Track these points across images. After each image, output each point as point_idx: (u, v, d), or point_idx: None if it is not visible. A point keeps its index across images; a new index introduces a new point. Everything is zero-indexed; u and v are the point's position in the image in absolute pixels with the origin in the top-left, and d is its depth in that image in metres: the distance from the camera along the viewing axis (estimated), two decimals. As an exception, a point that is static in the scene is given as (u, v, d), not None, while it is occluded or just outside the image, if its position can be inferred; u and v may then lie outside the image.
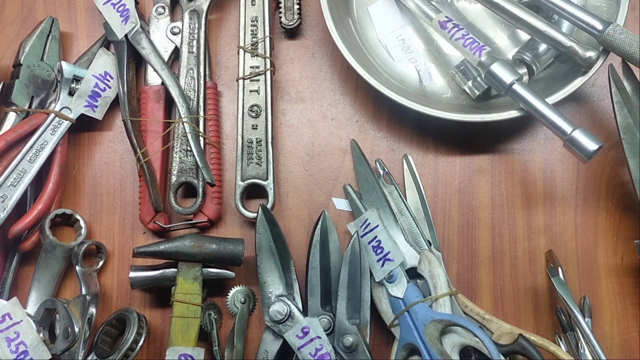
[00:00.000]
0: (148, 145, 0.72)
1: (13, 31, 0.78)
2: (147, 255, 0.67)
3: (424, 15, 0.71)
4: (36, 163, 0.69)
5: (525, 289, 0.71)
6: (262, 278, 0.67)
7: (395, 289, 0.65)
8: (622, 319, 0.70)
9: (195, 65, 0.74)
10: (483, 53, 0.67)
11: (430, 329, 0.63)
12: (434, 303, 0.64)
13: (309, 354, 0.63)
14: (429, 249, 0.68)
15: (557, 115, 0.64)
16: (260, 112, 0.72)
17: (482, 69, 0.67)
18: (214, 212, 0.71)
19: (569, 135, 0.62)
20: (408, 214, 0.69)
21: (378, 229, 0.66)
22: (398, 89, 0.70)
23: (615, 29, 0.63)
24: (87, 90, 0.72)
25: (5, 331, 0.62)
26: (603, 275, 0.71)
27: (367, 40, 0.75)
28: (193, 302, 0.66)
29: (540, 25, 0.67)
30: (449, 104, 0.72)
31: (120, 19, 0.73)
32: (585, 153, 0.62)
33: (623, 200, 0.72)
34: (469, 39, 0.68)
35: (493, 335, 0.64)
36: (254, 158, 0.71)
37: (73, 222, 0.72)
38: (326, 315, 0.66)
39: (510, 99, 0.70)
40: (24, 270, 0.72)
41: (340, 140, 0.74)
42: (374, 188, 0.70)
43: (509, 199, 0.73)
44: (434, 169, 0.74)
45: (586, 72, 0.66)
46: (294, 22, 0.75)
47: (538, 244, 0.72)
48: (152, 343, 0.71)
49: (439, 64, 0.74)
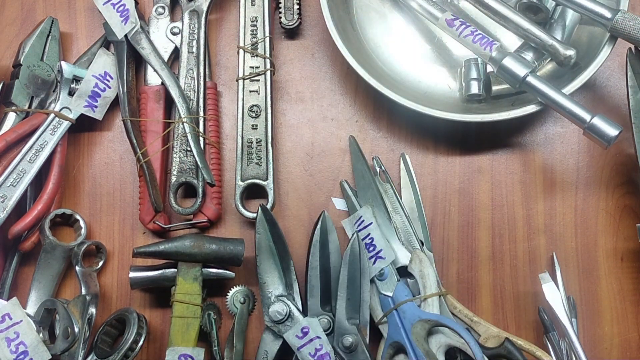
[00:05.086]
0: (148, 145, 0.72)
1: (13, 31, 0.78)
2: (147, 255, 0.67)
3: (429, 15, 0.71)
4: (36, 163, 0.69)
5: (525, 289, 0.71)
6: (262, 278, 0.67)
7: (385, 286, 0.66)
8: (622, 319, 0.70)
9: (195, 66, 0.74)
10: (494, 48, 0.67)
11: (417, 329, 0.63)
12: (422, 303, 0.65)
13: (309, 354, 0.63)
14: (421, 248, 0.68)
15: (575, 104, 0.64)
16: (260, 112, 0.72)
17: (494, 64, 0.67)
18: (214, 213, 0.71)
19: (589, 123, 0.63)
20: (402, 213, 0.69)
21: (371, 226, 0.67)
22: (398, 89, 0.69)
23: (624, 16, 0.64)
24: (87, 90, 0.72)
25: (5, 331, 0.62)
26: (603, 275, 0.71)
27: (367, 40, 0.75)
28: (193, 302, 0.66)
29: (524, 24, 0.68)
30: (448, 104, 0.72)
31: (120, 19, 0.73)
32: (607, 139, 0.62)
33: (623, 200, 0.72)
34: (477, 34, 0.68)
35: (480, 337, 0.65)
36: (253, 158, 0.71)
37: (73, 222, 0.72)
38: (326, 316, 0.66)
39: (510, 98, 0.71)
40: (24, 270, 0.72)
41: (340, 140, 0.74)
42: (370, 185, 0.70)
43: (509, 199, 0.73)
44: (434, 169, 0.74)
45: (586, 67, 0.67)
46: (294, 22, 0.75)
47: (538, 244, 0.72)
48: (152, 343, 0.71)
49: (439, 63, 0.74)
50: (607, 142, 0.63)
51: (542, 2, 0.70)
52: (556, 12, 0.71)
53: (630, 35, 0.64)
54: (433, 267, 0.67)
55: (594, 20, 0.66)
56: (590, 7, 0.66)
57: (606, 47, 0.66)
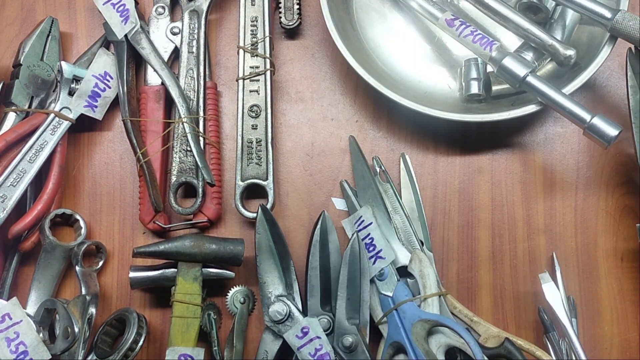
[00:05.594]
0: (148, 145, 0.72)
1: (13, 31, 0.78)
2: (147, 255, 0.67)
3: (429, 15, 0.71)
4: (36, 163, 0.69)
5: (525, 289, 0.71)
6: (262, 278, 0.67)
7: (385, 286, 0.66)
8: (622, 319, 0.70)
9: (195, 65, 0.74)
10: (494, 48, 0.67)
11: (417, 329, 0.63)
12: (422, 303, 0.65)
13: (309, 354, 0.63)
14: (421, 248, 0.68)
15: (574, 104, 0.64)
16: (260, 112, 0.72)
17: (494, 64, 0.67)
18: (214, 212, 0.71)
19: (589, 123, 0.63)
20: (402, 213, 0.70)
21: (371, 226, 0.67)
22: (398, 89, 0.69)
23: (624, 16, 0.64)
24: (87, 90, 0.72)
25: (5, 331, 0.62)
26: (603, 275, 0.71)
27: (367, 40, 0.75)
28: (193, 302, 0.66)
29: (524, 24, 0.68)
30: (448, 104, 0.72)
31: (120, 19, 0.73)
32: (607, 139, 0.62)
33: (623, 200, 0.72)
34: (477, 34, 0.68)
35: (480, 337, 0.65)
36: (253, 158, 0.71)
37: (73, 222, 0.72)
38: (326, 316, 0.66)
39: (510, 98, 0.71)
40: (24, 270, 0.72)
41: (340, 140, 0.74)
42: (370, 185, 0.70)
43: (509, 199, 0.73)
44: (434, 169, 0.74)
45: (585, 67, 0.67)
46: (294, 22, 0.75)
47: (538, 244, 0.72)
48: (152, 343, 0.71)
49: (439, 63, 0.74)
50: (607, 142, 0.63)
51: (542, 2, 0.70)
52: (556, 12, 0.71)
53: (630, 35, 0.64)
54: (433, 267, 0.67)
55: (594, 20, 0.66)
56: (590, 7, 0.66)
57: (606, 47, 0.66)
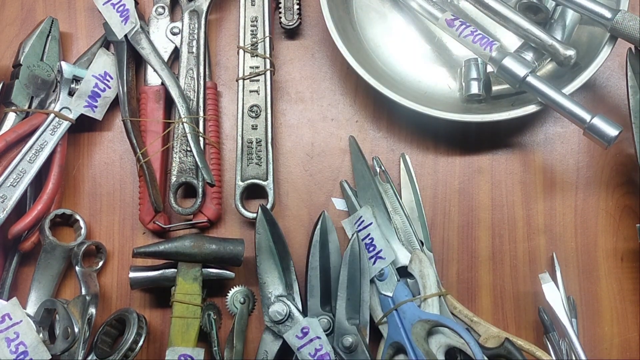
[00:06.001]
0: (148, 145, 0.72)
1: (13, 31, 0.78)
2: (146, 255, 0.67)
3: (429, 15, 0.71)
4: (36, 163, 0.69)
5: (525, 289, 0.71)
6: (262, 278, 0.67)
7: (385, 287, 0.66)
8: (622, 319, 0.70)
9: (195, 66, 0.74)
10: (494, 48, 0.67)
11: (417, 329, 0.63)
12: (422, 303, 0.65)
13: (309, 354, 0.63)
14: (421, 248, 0.68)
15: (574, 104, 0.64)
16: (260, 113, 0.72)
17: (494, 64, 0.67)
18: (214, 213, 0.71)
19: (589, 123, 0.63)
20: (402, 213, 0.70)
21: (371, 226, 0.67)
22: (398, 89, 0.69)
23: (624, 16, 0.64)
24: (86, 90, 0.72)
25: (5, 331, 0.62)
26: (603, 276, 0.71)
27: (367, 40, 0.75)
28: (193, 302, 0.66)
29: (524, 24, 0.68)
30: (448, 104, 0.72)
31: (120, 19, 0.73)
32: (607, 139, 0.62)
33: (623, 200, 0.72)
34: (477, 35, 0.68)
35: (480, 338, 0.65)
36: (253, 158, 0.71)
37: (73, 223, 0.72)
38: (326, 316, 0.66)
39: (510, 98, 0.71)
40: (24, 271, 0.72)
41: (340, 140, 0.74)
42: (370, 185, 0.70)
43: (509, 199, 0.73)
44: (434, 169, 0.74)
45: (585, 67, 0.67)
46: (293, 22, 0.75)
47: (538, 244, 0.72)
48: (152, 343, 0.71)
49: (439, 63, 0.74)
50: (607, 142, 0.63)
51: (542, 2, 0.70)
52: (556, 12, 0.71)
53: (630, 35, 0.64)
54: (433, 267, 0.67)
55: (594, 20, 0.66)
56: (590, 7, 0.66)
57: (606, 47, 0.66)
